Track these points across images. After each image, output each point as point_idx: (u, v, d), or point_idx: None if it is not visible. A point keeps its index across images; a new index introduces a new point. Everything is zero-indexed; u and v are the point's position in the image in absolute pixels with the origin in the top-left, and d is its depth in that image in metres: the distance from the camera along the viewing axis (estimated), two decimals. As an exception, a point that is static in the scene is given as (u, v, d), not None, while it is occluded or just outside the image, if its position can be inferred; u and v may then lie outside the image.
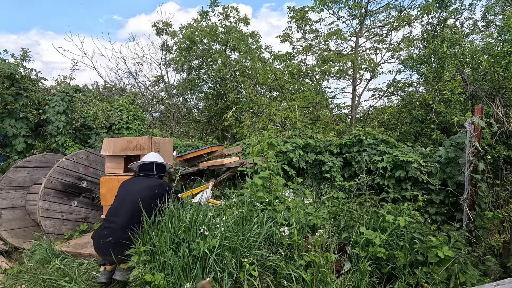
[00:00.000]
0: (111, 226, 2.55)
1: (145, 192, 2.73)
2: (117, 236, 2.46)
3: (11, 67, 5.29)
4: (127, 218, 2.54)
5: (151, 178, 3.00)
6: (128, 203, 2.63)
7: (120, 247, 2.45)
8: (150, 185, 2.83)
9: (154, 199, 2.69)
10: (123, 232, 2.47)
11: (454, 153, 3.88)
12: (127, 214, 2.56)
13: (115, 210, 2.66)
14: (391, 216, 2.67)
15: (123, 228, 2.48)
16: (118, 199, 2.79)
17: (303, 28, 9.49)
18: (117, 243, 2.45)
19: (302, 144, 4.77)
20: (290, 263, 2.37)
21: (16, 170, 4.27)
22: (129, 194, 2.73)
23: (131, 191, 2.78)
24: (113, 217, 2.60)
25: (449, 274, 2.53)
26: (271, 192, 3.12)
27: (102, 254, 2.57)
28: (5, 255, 4.37)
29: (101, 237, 2.53)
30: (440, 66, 6.55)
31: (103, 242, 2.50)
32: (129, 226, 2.49)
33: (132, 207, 2.58)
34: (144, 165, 3.09)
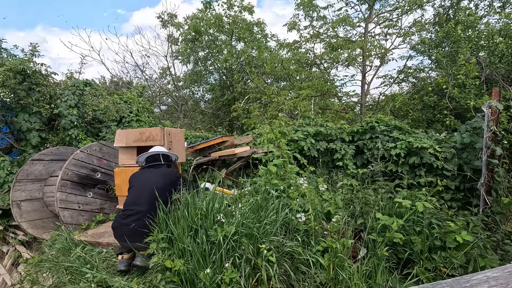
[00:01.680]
0: (133, 214, 2.59)
1: (160, 180, 2.80)
2: (140, 224, 2.52)
3: (23, 63, 5.34)
4: (148, 206, 2.59)
5: (160, 167, 3.06)
6: (146, 192, 2.67)
7: (143, 234, 2.51)
8: (163, 173, 2.91)
9: (170, 186, 2.76)
10: (145, 219, 2.53)
11: (470, 138, 3.80)
12: (147, 203, 2.61)
13: (135, 199, 2.71)
14: (409, 202, 2.65)
15: (145, 215, 2.54)
16: (135, 189, 2.83)
17: (310, 16, 9.29)
18: (141, 230, 2.51)
19: (313, 133, 4.74)
20: (307, 249, 2.38)
21: (33, 163, 4.36)
22: (146, 184, 2.78)
23: (146, 181, 2.84)
24: (134, 206, 2.65)
25: (467, 258, 2.50)
26: (285, 180, 3.12)
27: (126, 241, 2.56)
28: (26, 246, 4.52)
29: (124, 225, 2.58)
30: (454, 49, 6.35)
31: (126, 229, 2.55)
32: (150, 213, 2.56)
33: (150, 196, 2.63)
34: (151, 157, 3.16)
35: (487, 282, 0.91)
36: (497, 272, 0.96)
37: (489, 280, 0.91)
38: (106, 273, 2.73)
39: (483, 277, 0.96)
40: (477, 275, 0.98)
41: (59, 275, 2.95)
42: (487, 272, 0.98)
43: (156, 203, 2.58)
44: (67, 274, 2.82)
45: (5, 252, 4.53)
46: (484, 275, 0.96)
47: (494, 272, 0.99)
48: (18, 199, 4.17)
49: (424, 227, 2.69)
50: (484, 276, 0.95)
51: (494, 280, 0.92)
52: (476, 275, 0.98)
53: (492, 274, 0.97)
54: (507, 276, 0.91)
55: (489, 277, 0.95)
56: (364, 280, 2.40)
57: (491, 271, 0.98)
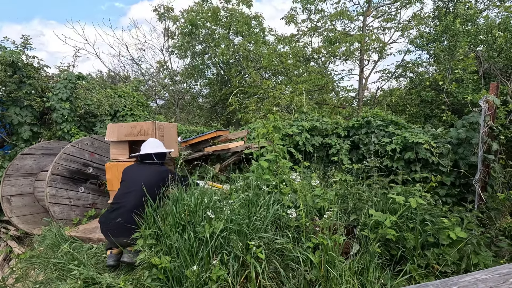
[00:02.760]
0: (120, 208, 2.58)
1: (151, 177, 2.79)
2: (126, 218, 2.49)
3: (13, 55, 5.23)
4: (136, 202, 2.57)
5: (154, 165, 3.04)
6: (136, 187, 2.65)
7: (129, 229, 2.48)
8: (156, 171, 2.89)
9: (160, 182, 2.73)
10: (132, 214, 2.50)
11: (466, 134, 3.75)
12: (135, 198, 2.59)
13: (123, 194, 2.69)
14: (402, 198, 2.60)
15: (132, 211, 2.51)
16: (125, 184, 2.81)
17: (308, 9, 9.14)
18: (126, 224, 2.47)
19: (308, 127, 4.67)
20: (298, 246, 2.34)
21: (23, 158, 4.29)
22: (136, 180, 2.75)
23: (137, 177, 2.81)
24: (122, 200, 2.63)
25: (461, 255, 2.47)
26: (277, 175, 3.06)
27: (111, 236, 2.56)
28: (17, 241, 4.48)
29: (110, 219, 2.56)
30: (452, 44, 6.26)
31: (112, 224, 2.53)
32: (138, 209, 2.53)
33: (138, 191, 2.60)
34: (144, 156, 3.12)
35: (475, 285, 0.86)
36: (486, 274, 0.91)
37: (477, 283, 0.86)
38: (94, 270, 2.68)
39: (471, 279, 0.91)
40: (465, 276, 0.93)
41: (47, 271, 2.91)
42: (476, 274, 0.92)
43: (144, 199, 2.53)
44: (55, 271, 2.78)
45: (-3, 247, 4.49)
46: (473, 277, 0.91)
47: (483, 274, 0.94)
48: (8, 194, 4.11)
49: (417, 224, 2.65)
50: (473, 278, 0.90)
51: (482, 282, 0.87)
52: (465, 277, 0.93)
53: (480, 276, 0.92)
54: (496, 279, 0.86)
55: (478, 279, 0.90)
56: (355, 277, 2.37)
57: (480, 272, 0.93)
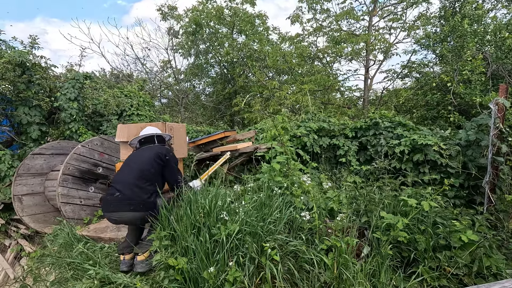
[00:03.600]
0: (118, 185, 2.59)
1: (150, 154, 2.80)
2: (125, 193, 2.51)
3: (22, 55, 5.26)
4: (135, 178, 2.58)
5: (154, 147, 3.00)
6: (133, 164, 2.70)
7: (128, 203, 2.48)
8: (155, 152, 2.85)
9: (155, 157, 2.74)
10: (130, 189, 2.52)
11: (475, 135, 3.75)
12: (134, 175, 2.60)
13: (122, 173, 2.72)
14: (414, 200, 2.62)
15: (130, 186, 2.53)
16: (124, 165, 2.82)
17: (313, 8, 9.12)
18: (124, 199, 2.49)
19: (316, 128, 4.69)
20: (311, 248, 2.36)
21: (34, 157, 4.33)
22: (136, 161, 2.77)
23: (137, 158, 2.82)
24: (120, 177, 2.67)
25: (472, 258, 2.49)
26: (288, 177, 3.09)
27: (110, 210, 2.55)
28: (28, 239, 4.53)
29: (109, 195, 2.58)
30: (460, 44, 6.24)
31: (111, 198, 2.54)
32: (137, 185, 2.54)
33: (136, 168, 2.65)
34: (145, 139, 3.10)
35: (505, 292, 0.88)
36: (516, 282, 0.93)
37: (507, 291, 0.89)
38: (109, 269, 2.72)
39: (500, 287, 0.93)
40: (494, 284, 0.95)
41: (62, 270, 2.95)
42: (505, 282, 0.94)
43: (147, 175, 2.59)
44: (69, 270, 2.82)
45: (8, 246, 4.54)
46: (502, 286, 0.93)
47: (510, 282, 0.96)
48: (20, 194, 4.16)
49: (428, 226, 2.67)
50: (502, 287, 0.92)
51: (512, 290, 0.89)
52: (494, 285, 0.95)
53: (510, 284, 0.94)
54: (526, 287, 0.88)
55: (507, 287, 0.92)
56: (368, 278, 2.39)
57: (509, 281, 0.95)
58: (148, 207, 2.53)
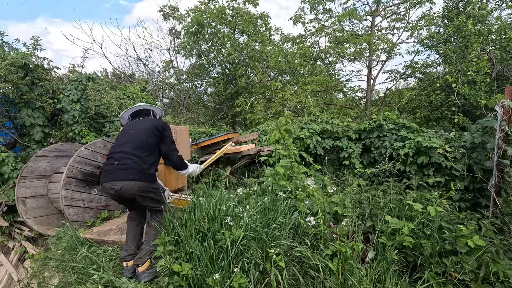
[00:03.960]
0: (117, 155, 2.56)
1: (145, 125, 2.77)
2: (124, 162, 2.49)
3: (25, 57, 5.27)
4: (134, 148, 2.56)
5: (149, 119, 2.95)
6: (133, 135, 2.66)
7: (128, 172, 2.46)
8: (153, 124, 2.81)
9: (153, 129, 2.73)
10: (129, 159, 2.50)
11: (481, 138, 3.71)
12: (133, 145, 2.58)
13: (119, 143, 2.67)
14: (420, 205, 2.59)
15: (129, 155, 2.51)
16: (119, 137, 2.79)
17: (316, 9, 9.09)
18: (124, 168, 2.47)
19: (319, 130, 4.66)
20: (316, 253, 2.34)
21: (37, 160, 4.34)
22: (134, 131, 2.73)
23: (134, 129, 2.76)
24: (118, 148, 2.62)
25: (479, 263, 2.46)
26: (291, 180, 3.07)
27: (110, 180, 2.48)
28: (31, 241, 4.54)
29: (108, 165, 2.54)
30: (464, 45, 6.20)
31: (110, 168, 2.50)
32: (136, 154, 2.52)
33: (137, 138, 2.63)
34: (138, 112, 3.04)
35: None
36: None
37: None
38: (113, 273, 2.72)
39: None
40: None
41: (65, 274, 2.94)
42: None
43: (145, 145, 2.59)
44: (73, 274, 2.81)
45: (11, 248, 4.55)
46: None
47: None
48: (23, 196, 4.16)
49: (434, 231, 2.65)
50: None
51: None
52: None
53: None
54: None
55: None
56: (373, 284, 2.38)
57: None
58: (147, 178, 2.52)
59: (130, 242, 2.70)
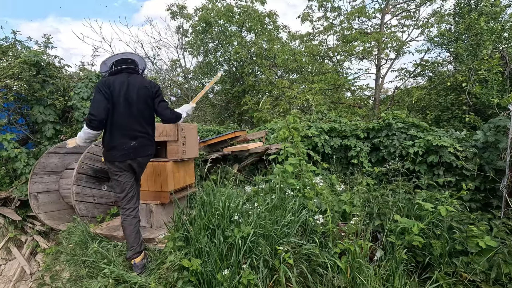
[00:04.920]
0: (130, 132, 2.65)
1: (145, 93, 2.74)
2: (140, 141, 2.69)
3: (37, 55, 5.37)
4: (141, 125, 2.71)
5: (137, 76, 2.82)
6: (133, 108, 2.67)
7: (143, 149, 2.72)
8: (144, 92, 2.75)
9: (151, 99, 2.80)
10: (142, 137, 2.71)
11: (494, 137, 3.65)
12: (139, 122, 2.70)
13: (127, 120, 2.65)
14: (430, 205, 2.57)
15: (141, 133, 2.70)
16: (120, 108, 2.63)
17: (324, 6, 9.02)
18: (140, 146, 2.69)
19: (327, 129, 4.64)
20: (325, 251, 2.34)
21: (49, 156, 4.42)
22: (132, 103, 2.67)
23: (130, 98, 2.67)
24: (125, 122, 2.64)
25: (490, 264, 2.43)
26: (300, 179, 3.07)
27: (127, 158, 2.62)
28: (43, 236, 4.64)
29: (124, 144, 2.62)
30: (476, 43, 6.08)
31: (127, 147, 2.62)
32: (146, 132, 2.75)
33: (138, 111, 2.71)
34: (124, 60, 2.83)
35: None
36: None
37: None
38: (123, 268, 2.77)
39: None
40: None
41: (77, 268, 3.01)
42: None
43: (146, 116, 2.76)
44: (84, 268, 2.87)
45: (24, 241, 4.67)
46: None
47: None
48: (36, 191, 4.26)
49: (444, 231, 2.62)
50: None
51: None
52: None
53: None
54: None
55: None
56: (381, 283, 2.37)
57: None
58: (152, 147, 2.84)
59: (132, 234, 2.71)
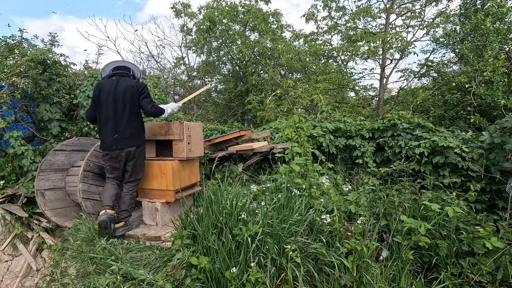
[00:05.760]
0: (110, 128, 3.12)
1: (131, 91, 3.16)
2: (121, 133, 3.12)
3: (43, 53, 5.40)
4: (125, 120, 3.11)
5: (126, 78, 3.27)
6: (121, 107, 3.11)
7: (126, 140, 3.14)
8: (131, 91, 3.17)
9: (137, 94, 3.18)
10: (125, 129, 3.13)
11: (500, 138, 3.64)
12: (124, 116, 3.11)
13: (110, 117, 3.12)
14: (437, 206, 2.57)
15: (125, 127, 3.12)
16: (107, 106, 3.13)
17: (329, 6, 9.00)
18: (122, 138, 3.12)
19: (332, 129, 4.65)
20: (331, 250, 2.36)
21: (55, 153, 4.46)
22: (118, 100, 3.12)
23: (119, 94, 3.13)
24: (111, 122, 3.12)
25: (497, 265, 2.43)
26: (306, 178, 3.08)
27: (111, 149, 3.18)
28: (49, 232, 4.69)
29: (108, 137, 3.14)
30: (482, 43, 6.05)
31: (111, 139, 3.12)
32: (129, 124, 3.13)
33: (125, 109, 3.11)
34: (118, 67, 3.36)
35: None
36: None
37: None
38: (130, 265, 2.79)
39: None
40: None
41: (84, 264, 3.04)
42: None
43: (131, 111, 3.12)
44: (91, 264, 2.90)
45: (30, 238, 4.71)
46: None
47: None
48: (42, 188, 4.29)
49: (451, 231, 2.62)
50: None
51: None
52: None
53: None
54: None
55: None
56: (388, 283, 2.38)
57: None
58: (139, 139, 3.27)
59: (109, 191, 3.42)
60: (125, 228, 3.32)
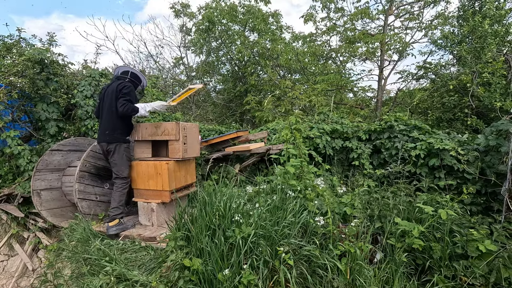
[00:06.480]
0: (103, 126, 3.65)
1: (114, 92, 3.59)
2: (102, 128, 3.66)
3: (41, 53, 5.39)
4: (106, 117, 3.60)
5: (118, 80, 3.74)
6: (106, 106, 3.59)
7: (102, 135, 3.62)
8: (116, 86, 3.62)
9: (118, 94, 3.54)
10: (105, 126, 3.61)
11: (495, 141, 3.65)
12: (105, 114, 3.62)
13: (102, 114, 3.70)
14: (431, 208, 2.58)
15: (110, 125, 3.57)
16: (103, 105, 3.71)
17: (328, 7, 9.00)
18: (109, 134, 3.56)
19: (329, 130, 4.65)
20: (325, 252, 2.36)
21: (52, 153, 4.45)
22: (106, 101, 3.62)
23: (107, 96, 3.63)
24: (101, 118, 3.72)
25: (490, 268, 2.43)
26: (301, 180, 3.08)
27: (98, 143, 3.72)
28: (45, 232, 4.68)
29: (101, 134, 3.66)
30: (480, 45, 6.06)
31: (102, 135, 3.62)
32: (109, 121, 3.56)
33: (110, 108, 3.55)
34: (123, 72, 3.93)
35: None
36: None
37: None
38: (124, 266, 2.79)
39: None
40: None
41: (78, 265, 3.04)
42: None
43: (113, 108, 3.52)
44: (86, 265, 2.90)
45: (26, 238, 4.70)
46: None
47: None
48: (38, 188, 4.29)
49: (445, 234, 2.63)
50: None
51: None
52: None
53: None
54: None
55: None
56: (381, 285, 2.38)
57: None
58: (114, 136, 3.56)
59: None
60: (119, 227, 3.45)
